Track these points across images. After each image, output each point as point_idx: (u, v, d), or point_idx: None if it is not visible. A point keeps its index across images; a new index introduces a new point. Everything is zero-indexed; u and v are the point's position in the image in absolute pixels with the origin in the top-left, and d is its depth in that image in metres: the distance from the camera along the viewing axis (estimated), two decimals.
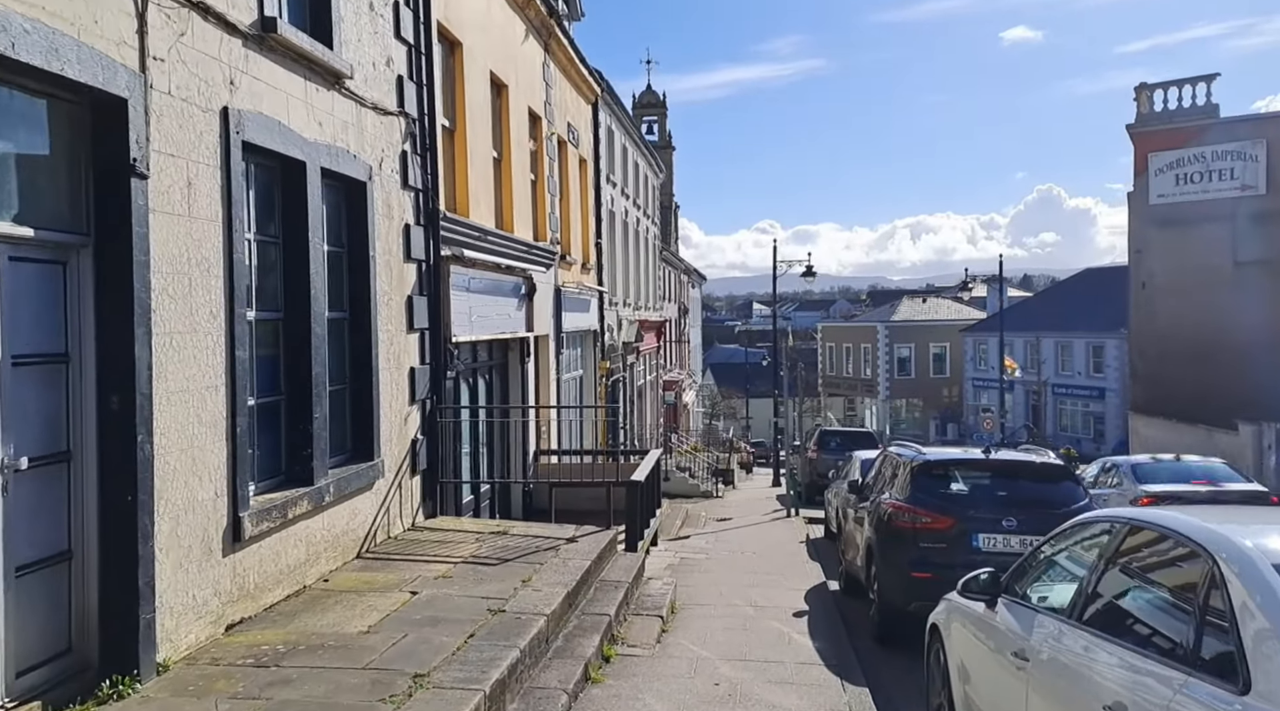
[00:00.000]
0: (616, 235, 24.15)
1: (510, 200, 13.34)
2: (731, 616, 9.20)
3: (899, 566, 8.33)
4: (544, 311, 15.16)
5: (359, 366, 8.32)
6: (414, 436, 9.40)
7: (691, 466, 27.39)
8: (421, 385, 9.55)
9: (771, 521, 19.59)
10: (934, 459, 8.91)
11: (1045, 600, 4.59)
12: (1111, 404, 55.15)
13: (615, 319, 23.42)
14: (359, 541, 8.09)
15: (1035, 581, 4.83)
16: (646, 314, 29.58)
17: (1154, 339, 26.34)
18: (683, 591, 10.25)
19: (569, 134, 17.64)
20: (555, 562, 8.17)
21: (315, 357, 7.23)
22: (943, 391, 67.56)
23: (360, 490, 8.07)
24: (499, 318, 12.37)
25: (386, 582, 7.25)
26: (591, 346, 19.97)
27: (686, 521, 18.04)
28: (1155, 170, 25.79)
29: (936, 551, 8.21)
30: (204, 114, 5.83)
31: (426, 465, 9.68)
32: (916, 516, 8.33)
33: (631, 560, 9.52)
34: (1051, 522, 8.24)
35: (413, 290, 9.38)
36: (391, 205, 8.89)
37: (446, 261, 10.13)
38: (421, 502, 9.62)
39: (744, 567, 12.59)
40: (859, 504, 10.31)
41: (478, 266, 11.29)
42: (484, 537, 9.04)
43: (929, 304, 73.23)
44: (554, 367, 16.04)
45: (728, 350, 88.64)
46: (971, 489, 8.60)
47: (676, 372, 40.97)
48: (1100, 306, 55.91)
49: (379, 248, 8.55)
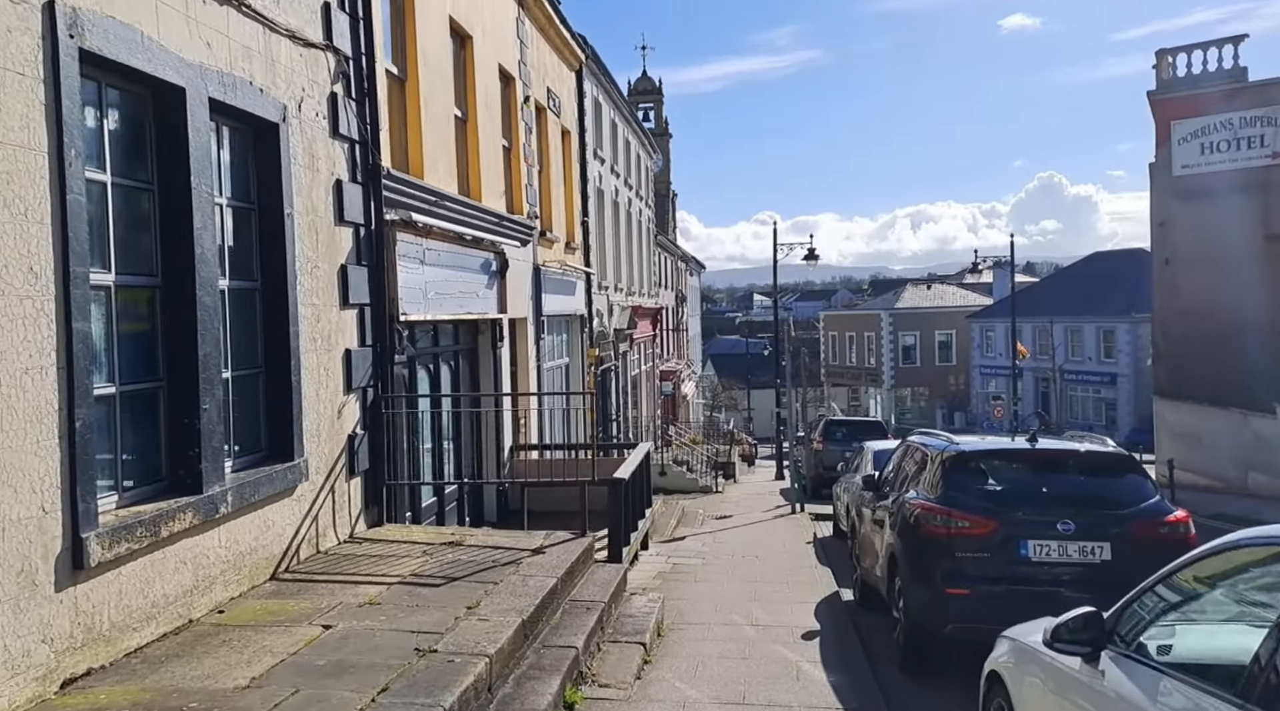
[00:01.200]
0: (606, 215, 22.70)
1: (477, 165, 11.89)
2: (729, 640, 7.77)
3: (931, 581, 6.89)
4: (520, 291, 13.72)
5: (274, 347, 6.88)
6: (351, 431, 7.96)
7: (689, 460, 25.95)
8: (360, 371, 8.11)
9: (775, 518, 18.16)
10: (970, 449, 7.45)
11: (1178, 655, 3.14)
12: (1123, 390, 53.71)
13: (605, 304, 21.98)
14: (274, 560, 6.66)
15: (1161, 624, 3.37)
16: (641, 300, 28.13)
17: (1178, 318, 24.85)
18: (673, 607, 8.83)
19: (549, 101, 16.18)
20: (513, 581, 6.73)
21: (204, 335, 5.79)
22: (949, 379, 66.22)
23: (275, 497, 6.63)
24: (464, 296, 10.93)
25: (297, 613, 5.82)
26: (578, 332, 18.53)
27: (682, 520, 16.61)
28: (1178, 139, 24.27)
29: (976, 562, 6.77)
30: (13, 4, 4.38)
31: (369, 465, 8.25)
32: (951, 519, 6.88)
33: (611, 573, 8.09)
34: (1117, 525, 6.83)
35: (348, 258, 7.94)
36: (317, 156, 7.44)
37: (392, 227, 8.68)
38: (363, 509, 8.19)
39: (745, 575, 11.16)
40: (876, 503, 8.87)
41: (434, 236, 9.85)
42: (433, 550, 7.60)
43: (934, 291, 71.78)
44: (534, 354, 14.61)
45: (729, 341, 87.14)
46: (1016, 485, 7.15)
47: (674, 362, 39.53)
48: (1110, 290, 54.46)
49: (299, 205, 7.10)
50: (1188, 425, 24.05)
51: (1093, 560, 6.66)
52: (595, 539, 10.43)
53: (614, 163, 23.92)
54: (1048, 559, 6.70)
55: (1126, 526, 6.72)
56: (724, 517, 17.74)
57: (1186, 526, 6.78)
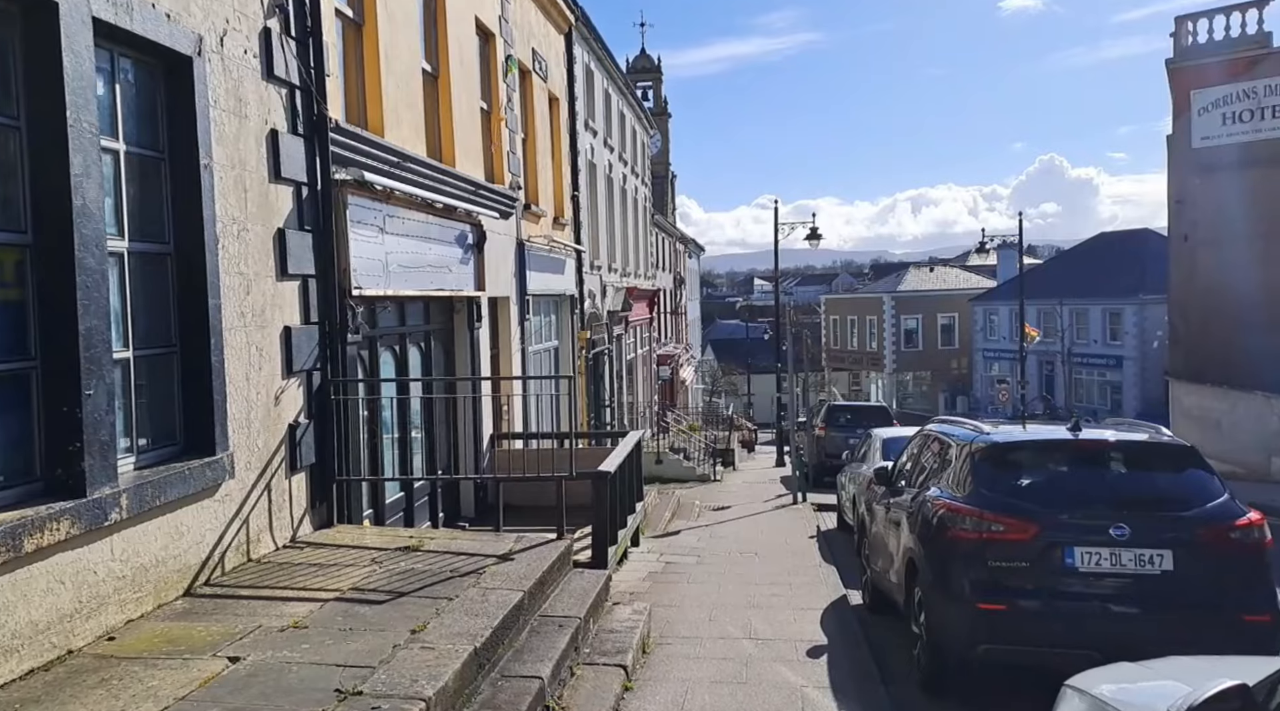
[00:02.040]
0: (599, 191, 21.63)
1: (450, 127, 10.84)
2: (724, 657, 6.79)
3: (959, 593, 5.90)
4: (501, 268, 12.69)
5: (190, 322, 5.87)
6: (293, 420, 6.96)
7: (687, 447, 24.95)
8: (304, 351, 7.10)
9: (776, 509, 17.18)
10: (1003, 440, 6.43)
11: None
12: (1129, 372, 52.74)
13: (598, 284, 20.94)
14: (189, 572, 5.67)
15: None
16: (636, 281, 27.09)
17: (1197, 297, 23.81)
18: (662, 616, 7.85)
19: (535, 64, 15.10)
20: (471, 596, 5.74)
21: (87, 306, 4.78)
22: (951, 363, 65.35)
23: (190, 498, 5.64)
24: (435, 270, 9.91)
25: (203, 640, 4.84)
26: (568, 313, 17.50)
27: (678, 512, 15.64)
28: (1198, 110, 23.16)
29: (1014, 572, 5.78)
30: None
31: (316, 458, 7.26)
32: (983, 522, 5.88)
33: (590, 581, 7.09)
34: (1179, 529, 5.80)
35: (287, 221, 6.92)
36: (245, 100, 6.41)
37: (342, 188, 7.65)
38: (309, 509, 7.20)
39: (743, 575, 10.18)
40: (891, 499, 7.88)
41: (398, 201, 8.82)
42: (385, 557, 6.61)
43: (936, 273, 70.74)
44: (517, 336, 13.59)
45: (729, 326, 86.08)
46: (1059, 482, 6.15)
47: (672, 346, 38.53)
48: (1117, 272, 53.45)
49: (221, 156, 6.07)
50: (1206, 409, 23.05)
51: (1151, 571, 5.67)
52: (575, 540, 9.48)
53: (607, 136, 22.83)
54: (1097, 569, 5.71)
55: (1191, 531, 5.73)
56: (722, 508, 16.77)
57: (1261, 530, 5.79)
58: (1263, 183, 21.63)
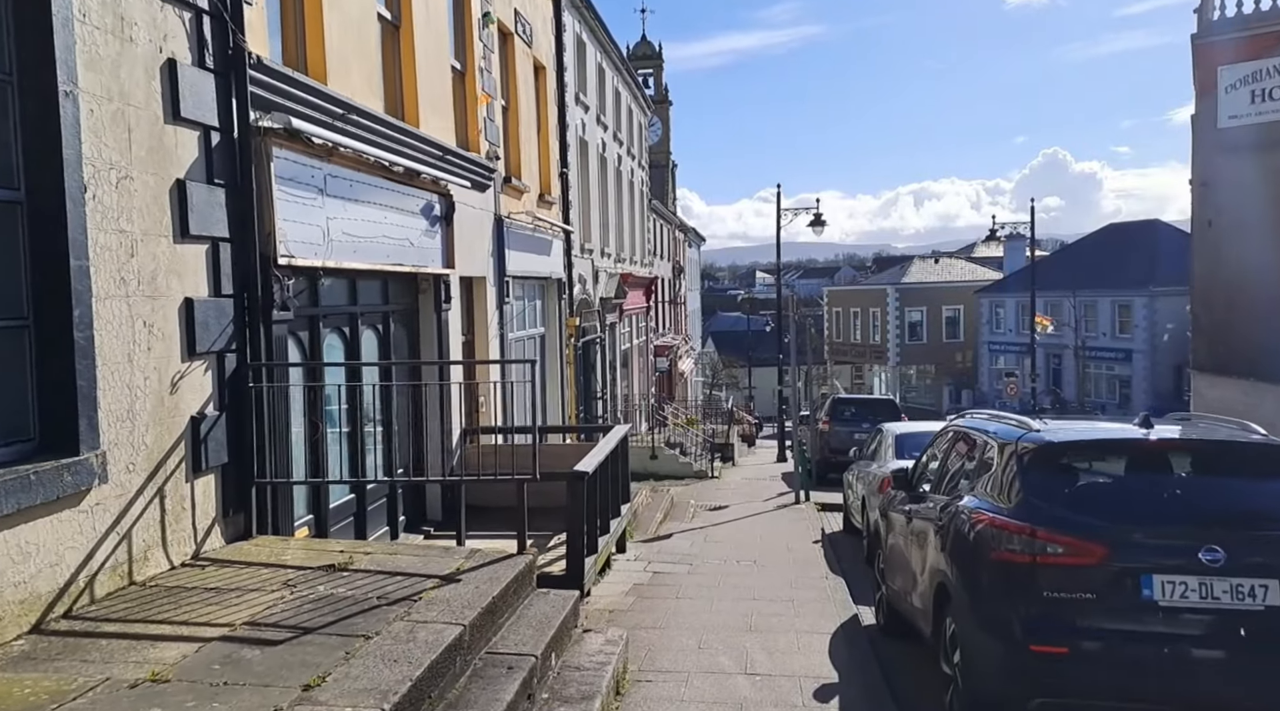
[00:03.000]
0: (592, 170, 20.43)
1: (413, 82, 9.65)
2: (714, 701, 5.63)
3: (1005, 631, 4.73)
4: (476, 244, 11.51)
5: (48, 289, 4.70)
6: (198, 412, 5.79)
7: (683, 442, 23.76)
8: (212, 329, 5.93)
9: (777, 509, 16.02)
10: (1059, 439, 5.23)
11: None
12: (1139, 366, 51.58)
13: (589, 269, 19.76)
14: (38, 602, 4.50)
15: None
16: (632, 268, 25.90)
17: (1221, 286, 22.60)
18: (643, 642, 6.70)
19: (517, 25, 13.89)
20: (397, 631, 4.58)
21: None
22: (956, 356, 64.24)
23: (42, 508, 4.48)
24: (393, 243, 8.74)
25: (21, 702, 3.68)
26: (555, 299, 16.32)
27: (671, 512, 14.49)
28: (1225, 87, 21.92)
29: (1076, 606, 4.62)
30: None
31: (229, 458, 6.09)
32: (1037, 542, 4.71)
33: (555, 605, 5.92)
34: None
35: (190, 172, 5.74)
36: (130, 19, 5.22)
37: (267, 137, 6.47)
38: (219, 518, 6.04)
39: (740, 589, 9.03)
40: (911, 505, 6.72)
41: (343, 159, 7.63)
42: (303, 578, 5.45)
43: (941, 265, 69.58)
44: (494, 320, 12.41)
45: (730, 318, 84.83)
46: (1129, 492, 4.99)
47: (670, 337, 37.35)
48: (1126, 263, 52.26)
49: (94, 84, 4.90)
50: (1230, 402, 21.82)
51: (1252, 606, 4.50)
52: (549, 549, 8.33)
53: (601, 112, 21.62)
54: (1182, 603, 4.54)
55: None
56: (719, 508, 15.62)
57: None
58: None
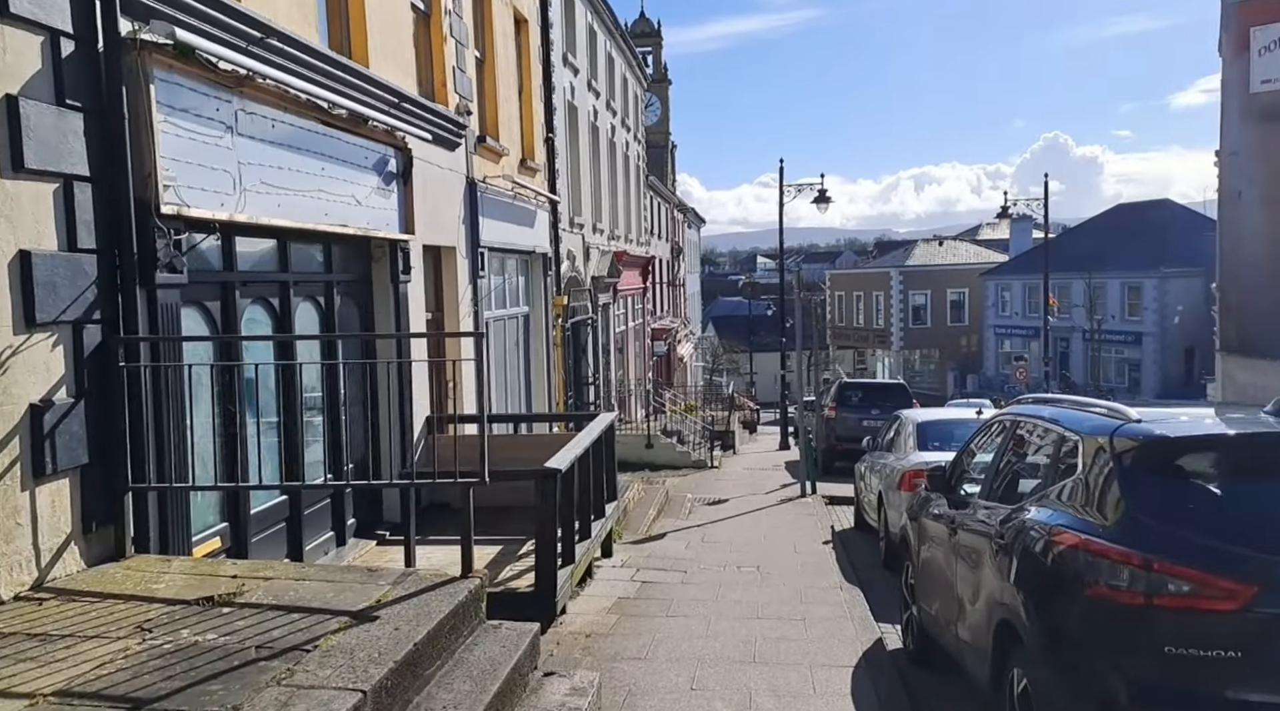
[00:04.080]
0: (582, 139, 19.05)
1: (362, 18, 8.30)
2: None
3: (1104, 697, 3.44)
4: (443, 209, 10.18)
5: None
6: (40, 399, 4.49)
7: (681, 429, 22.44)
8: (63, 293, 4.62)
9: (781, 503, 14.73)
10: (1175, 434, 3.92)
11: None
12: (1149, 349, 50.27)
13: (580, 245, 18.42)
14: None
15: None
16: (627, 246, 24.54)
17: (1251, 263, 21.19)
18: (624, 678, 5.41)
19: None
20: (263, 703, 3.28)
21: None
22: (960, 340, 62.99)
23: None
24: (333, 199, 7.41)
25: None
26: (541, 276, 14.99)
27: (665, 507, 13.21)
28: (1259, 49, 20.48)
29: (1209, 667, 3.32)
30: None
31: (90, 458, 4.79)
32: (1155, 576, 3.41)
33: (506, 645, 4.62)
34: None
35: (28, 87, 4.41)
36: None
37: (144, 52, 5.13)
38: (77, 535, 4.73)
39: (741, 604, 7.73)
40: (953, 512, 5.41)
41: (260, 92, 6.29)
42: (167, 618, 4.14)
43: (945, 247, 68.21)
44: (467, 296, 11.09)
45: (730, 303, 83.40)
46: (1271, 506, 3.68)
47: (669, 320, 36.01)
48: (1136, 244, 50.86)
49: None
50: (1265, 385, 20.46)
51: None
52: (510, 564, 7.05)
53: (592, 77, 20.21)
54: None
55: None
56: (718, 503, 14.34)
57: None
58: None
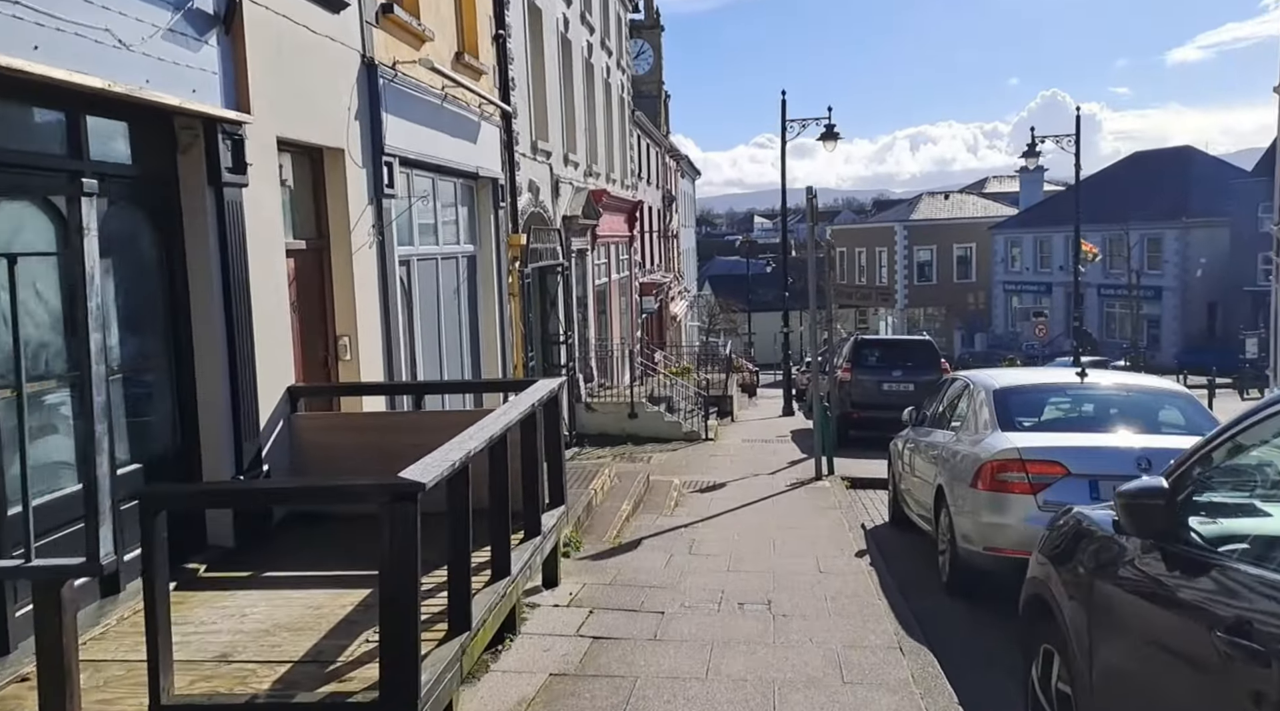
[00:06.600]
0: (549, 51, 15.93)
1: None
2: None
3: None
4: (317, 91, 7.17)
5: None
6: None
7: (671, 396, 19.54)
8: None
9: (791, 488, 11.83)
10: None
11: None
12: (1169, 305, 47.33)
13: (547, 176, 15.38)
14: None
15: None
16: (609, 186, 21.46)
17: None
18: None
19: None
20: None
21: None
22: (968, 297, 60.17)
23: None
24: (64, 29, 4.41)
25: None
26: (490, 207, 11.98)
27: (645, 499, 10.33)
28: None
29: None
30: None
31: None
32: None
33: None
34: None
35: None
36: None
37: None
38: None
39: (747, 683, 4.85)
40: (1198, 584, 2.52)
41: None
42: None
43: (951, 201, 65.14)
44: (365, 220, 8.10)
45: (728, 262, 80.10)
46: None
47: (660, 274, 32.97)
48: (1155, 194, 47.78)
49: None
50: None
51: None
52: (323, 668, 4.14)
53: None
54: None
55: None
56: (712, 489, 11.47)
57: None
58: None
